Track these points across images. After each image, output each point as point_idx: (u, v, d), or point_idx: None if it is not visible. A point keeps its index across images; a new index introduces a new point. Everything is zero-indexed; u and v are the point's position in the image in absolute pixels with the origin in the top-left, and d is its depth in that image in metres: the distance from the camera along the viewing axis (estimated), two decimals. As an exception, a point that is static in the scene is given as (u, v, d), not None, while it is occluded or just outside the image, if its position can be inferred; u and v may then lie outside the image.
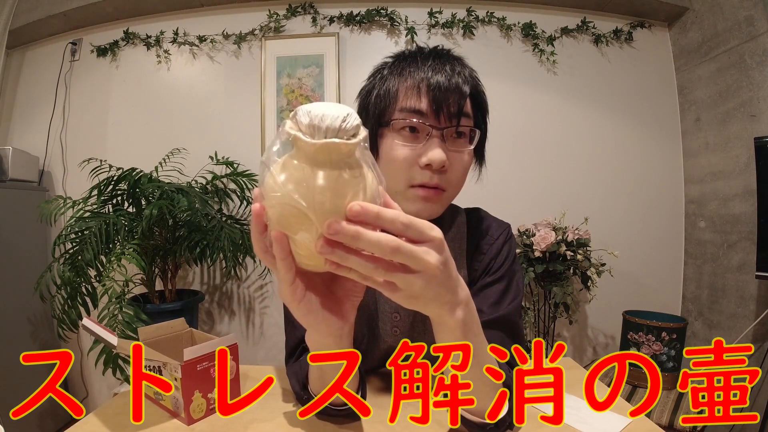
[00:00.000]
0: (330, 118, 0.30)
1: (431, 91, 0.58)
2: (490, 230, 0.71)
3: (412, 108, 0.58)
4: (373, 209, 0.31)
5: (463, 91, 0.58)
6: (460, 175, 0.62)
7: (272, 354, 2.04)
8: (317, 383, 0.57)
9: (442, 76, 0.58)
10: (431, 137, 0.58)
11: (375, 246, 0.31)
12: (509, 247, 0.70)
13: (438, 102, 0.57)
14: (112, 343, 0.57)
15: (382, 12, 1.95)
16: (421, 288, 0.36)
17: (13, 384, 1.72)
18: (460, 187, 0.64)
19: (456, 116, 0.58)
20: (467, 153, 0.61)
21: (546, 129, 1.99)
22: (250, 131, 2.00)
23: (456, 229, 0.71)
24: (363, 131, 0.32)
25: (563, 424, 0.59)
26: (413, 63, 0.62)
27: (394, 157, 0.59)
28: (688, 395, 1.37)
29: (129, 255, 1.39)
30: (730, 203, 1.70)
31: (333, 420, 0.61)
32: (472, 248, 0.70)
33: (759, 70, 1.56)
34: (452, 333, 0.44)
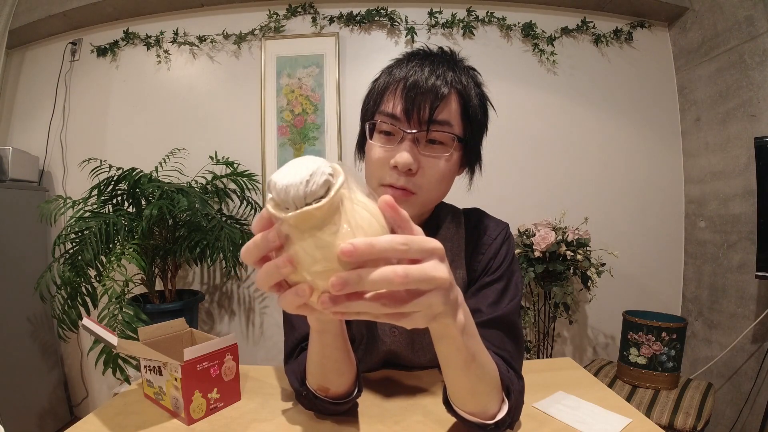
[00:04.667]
0: (293, 188, 0.29)
1: (405, 94, 0.58)
2: (488, 230, 0.71)
3: (388, 112, 0.60)
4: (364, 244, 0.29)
5: (438, 94, 0.57)
6: (434, 180, 0.61)
7: (272, 354, 2.04)
8: (316, 377, 0.59)
9: (420, 77, 0.58)
10: (403, 140, 0.59)
11: (383, 282, 0.30)
12: (508, 246, 0.70)
13: (410, 105, 0.57)
14: (112, 343, 0.57)
15: (382, 12, 1.95)
16: (440, 304, 0.35)
17: (13, 384, 1.72)
18: (438, 191, 0.63)
19: (427, 121, 0.58)
20: (444, 159, 0.60)
21: (546, 129, 1.99)
22: (250, 131, 2.00)
23: (453, 229, 0.71)
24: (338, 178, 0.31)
25: (563, 424, 0.59)
26: (401, 63, 0.62)
27: (370, 157, 0.62)
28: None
29: (129, 255, 1.39)
30: (730, 203, 1.70)
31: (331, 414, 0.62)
32: (471, 248, 0.70)
33: (759, 70, 1.56)
34: (455, 340, 0.44)
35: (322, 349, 0.55)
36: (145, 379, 0.68)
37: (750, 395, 1.56)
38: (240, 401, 0.68)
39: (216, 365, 0.64)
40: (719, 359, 1.70)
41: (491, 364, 0.52)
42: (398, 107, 0.59)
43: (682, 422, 1.28)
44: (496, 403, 0.52)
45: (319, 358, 0.56)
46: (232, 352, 0.67)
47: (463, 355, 0.45)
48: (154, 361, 0.64)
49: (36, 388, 1.85)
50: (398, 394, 0.69)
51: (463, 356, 0.46)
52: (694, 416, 1.29)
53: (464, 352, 0.45)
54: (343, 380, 0.58)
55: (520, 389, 0.57)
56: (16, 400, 1.72)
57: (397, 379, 0.74)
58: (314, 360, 0.57)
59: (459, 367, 0.47)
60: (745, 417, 1.58)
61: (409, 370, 0.77)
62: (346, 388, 0.59)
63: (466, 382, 0.49)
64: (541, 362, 0.86)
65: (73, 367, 2.08)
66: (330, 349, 0.55)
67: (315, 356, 0.56)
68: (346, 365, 0.57)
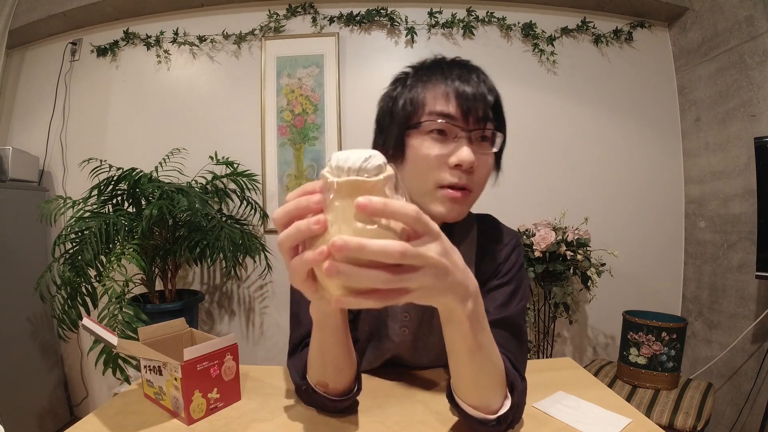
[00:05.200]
0: (352, 160, 0.33)
1: (460, 98, 0.60)
2: (500, 236, 0.73)
3: (442, 112, 0.60)
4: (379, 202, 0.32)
5: (488, 100, 0.61)
6: (485, 176, 0.64)
7: (272, 354, 2.04)
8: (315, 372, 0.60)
9: (470, 85, 0.60)
10: (459, 138, 0.60)
11: (382, 252, 0.32)
12: (518, 254, 0.72)
13: (466, 107, 0.59)
14: (112, 343, 0.57)
15: (382, 12, 1.95)
16: (432, 281, 0.36)
17: (13, 384, 1.72)
18: (482, 189, 0.66)
19: (483, 120, 0.60)
20: (491, 156, 0.63)
21: (546, 129, 1.99)
22: (250, 131, 2.00)
23: (466, 233, 0.73)
24: (388, 170, 0.35)
25: (563, 424, 0.59)
26: (438, 72, 0.63)
27: (425, 156, 0.60)
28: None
29: (129, 255, 1.39)
30: (730, 203, 1.70)
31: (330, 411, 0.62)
32: (482, 252, 0.72)
33: (759, 70, 1.56)
34: (461, 325, 0.45)
35: (322, 342, 0.56)
36: (145, 379, 0.68)
37: (750, 395, 1.56)
38: (240, 401, 0.68)
39: (216, 365, 0.64)
40: (719, 359, 1.70)
41: (498, 358, 0.53)
42: (454, 108, 0.60)
43: (682, 422, 1.28)
44: (499, 399, 0.53)
45: (320, 353, 0.57)
46: (232, 352, 0.67)
47: (468, 342, 0.47)
48: (154, 361, 0.64)
49: (36, 388, 1.85)
50: (399, 393, 0.69)
51: (469, 344, 0.47)
52: (694, 416, 1.29)
53: (470, 340, 0.46)
54: (342, 377, 0.59)
55: (523, 389, 0.58)
56: (16, 400, 1.72)
57: (398, 379, 0.74)
58: (314, 354, 0.58)
59: (464, 354, 0.48)
60: (745, 417, 1.58)
61: (410, 369, 0.77)
62: (345, 385, 0.60)
63: (470, 371, 0.50)
64: (541, 362, 0.86)
65: (73, 367, 2.08)
66: (329, 343, 0.56)
67: (315, 350, 0.58)
68: (346, 362, 0.59)
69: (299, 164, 1.98)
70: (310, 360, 0.60)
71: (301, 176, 1.98)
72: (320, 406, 0.62)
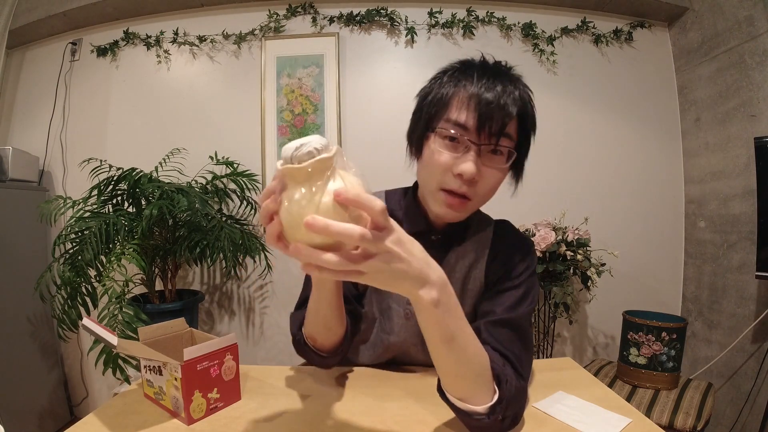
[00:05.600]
0: (287, 150, 0.39)
1: (478, 108, 0.61)
2: (515, 242, 0.76)
3: (457, 121, 0.62)
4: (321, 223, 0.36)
5: (508, 112, 0.61)
6: (489, 188, 0.66)
7: (272, 354, 2.04)
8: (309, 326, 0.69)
9: (492, 94, 0.61)
10: (468, 150, 0.62)
11: (344, 234, 0.36)
12: (531, 260, 0.73)
13: (482, 119, 0.61)
14: (112, 343, 0.57)
15: (382, 12, 1.95)
16: (383, 265, 0.40)
17: (13, 384, 1.72)
18: (488, 198, 0.69)
19: (496, 135, 0.61)
20: (501, 170, 0.65)
21: (546, 129, 1.97)
22: (250, 131, 2.00)
23: (482, 234, 0.76)
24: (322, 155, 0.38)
25: (563, 424, 0.59)
26: (470, 76, 0.64)
27: (433, 161, 0.64)
28: (688, 395, 1.37)
29: (129, 255, 1.39)
30: (730, 203, 1.70)
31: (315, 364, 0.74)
32: (493, 255, 0.74)
33: (759, 70, 1.56)
34: (429, 313, 0.47)
35: (317, 301, 0.64)
36: (145, 379, 0.68)
37: (750, 395, 1.56)
38: (240, 401, 0.68)
39: (216, 365, 0.64)
40: (719, 359, 1.70)
41: (478, 351, 0.54)
42: (470, 120, 0.61)
43: (682, 422, 1.28)
44: (485, 393, 0.53)
45: (315, 309, 0.66)
46: (232, 352, 0.67)
47: (440, 331, 0.48)
48: (154, 361, 0.64)
49: (36, 388, 1.85)
50: (399, 393, 0.69)
51: (441, 332, 0.48)
52: (694, 416, 1.29)
53: (442, 328, 0.48)
54: (329, 335, 0.68)
55: (519, 387, 0.58)
56: (16, 400, 1.72)
57: (398, 378, 0.74)
58: (310, 309, 0.67)
59: (438, 342, 0.50)
60: (745, 417, 1.58)
61: (413, 366, 0.78)
62: (332, 344, 0.70)
63: (447, 361, 0.51)
64: (541, 362, 0.86)
65: (73, 367, 2.08)
66: (323, 303, 0.64)
67: (312, 306, 0.66)
68: (335, 322, 0.67)
69: (299, 164, 1.98)
70: (307, 315, 0.68)
71: (301, 176, 1.98)
72: (308, 358, 0.73)
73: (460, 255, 0.74)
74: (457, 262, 0.74)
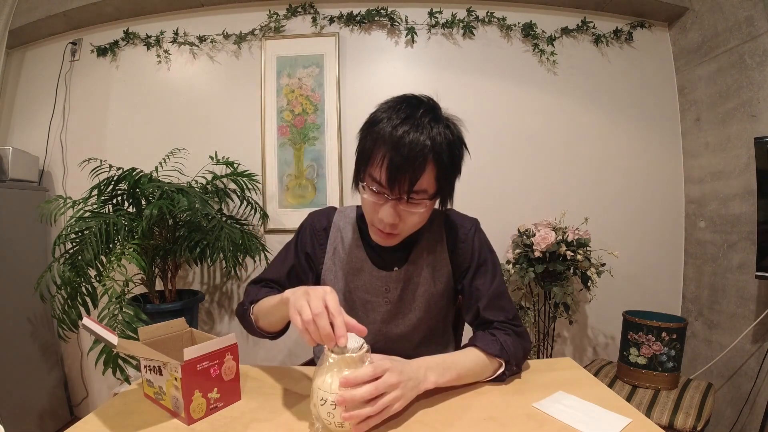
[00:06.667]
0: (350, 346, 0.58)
1: (389, 169, 0.68)
2: (463, 223, 0.90)
3: (375, 178, 0.71)
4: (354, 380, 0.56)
5: (416, 167, 0.68)
6: (413, 225, 0.77)
7: (272, 354, 2.04)
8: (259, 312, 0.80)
9: (400, 157, 0.67)
10: (387, 201, 0.72)
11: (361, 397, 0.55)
12: (480, 236, 0.89)
13: (392, 181, 0.69)
14: (112, 343, 0.57)
15: (382, 12, 1.95)
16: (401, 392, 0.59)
17: (13, 384, 1.72)
18: (417, 227, 0.79)
19: (407, 192, 0.70)
20: (419, 214, 0.74)
21: (546, 129, 1.99)
22: (250, 131, 2.00)
23: (436, 226, 0.89)
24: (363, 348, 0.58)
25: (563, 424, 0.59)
26: (387, 128, 0.70)
27: (364, 204, 0.78)
28: (688, 395, 1.37)
29: (129, 255, 1.39)
30: (730, 203, 1.70)
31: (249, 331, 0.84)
32: (452, 238, 0.88)
33: (759, 70, 1.56)
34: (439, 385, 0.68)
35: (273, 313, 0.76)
36: (145, 379, 0.68)
37: (750, 395, 1.56)
38: (240, 401, 0.68)
39: (216, 365, 0.64)
40: (719, 359, 1.70)
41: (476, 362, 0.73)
42: (383, 177, 0.70)
43: (682, 422, 1.28)
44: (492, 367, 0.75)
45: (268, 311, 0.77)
46: (232, 352, 0.67)
47: (451, 383, 0.70)
48: (154, 361, 0.64)
49: (36, 388, 1.85)
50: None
51: (452, 383, 0.70)
52: (694, 416, 1.29)
53: (451, 382, 0.69)
54: (271, 328, 0.81)
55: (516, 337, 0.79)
56: (16, 400, 1.72)
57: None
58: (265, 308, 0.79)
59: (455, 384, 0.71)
60: (745, 417, 1.58)
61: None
62: (270, 332, 0.82)
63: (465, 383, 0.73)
64: (541, 362, 0.86)
65: (73, 367, 2.08)
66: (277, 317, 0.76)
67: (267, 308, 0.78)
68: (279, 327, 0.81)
69: (299, 164, 1.98)
70: (260, 305, 0.80)
71: (301, 176, 1.98)
72: (247, 327, 0.85)
73: (423, 249, 0.87)
74: (421, 255, 0.86)
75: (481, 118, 1.96)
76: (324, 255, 0.90)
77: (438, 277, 0.87)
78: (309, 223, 0.93)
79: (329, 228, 0.91)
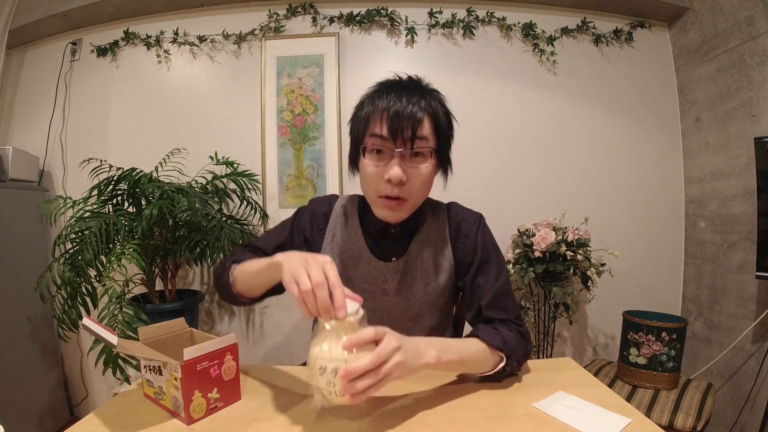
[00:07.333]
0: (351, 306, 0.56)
1: (390, 120, 0.71)
2: (467, 217, 0.88)
3: (377, 134, 0.73)
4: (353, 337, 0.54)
5: (416, 118, 0.72)
6: (420, 185, 0.76)
7: (272, 354, 2.04)
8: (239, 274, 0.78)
9: (399, 106, 0.72)
10: (392, 157, 0.73)
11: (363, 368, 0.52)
12: (483, 231, 0.87)
13: (395, 129, 0.71)
14: (112, 343, 0.57)
15: (382, 12, 1.95)
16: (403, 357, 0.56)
17: (13, 384, 1.72)
18: (423, 194, 0.79)
19: (411, 140, 0.72)
20: (425, 168, 0.75)
21: (546, 129, 1.99)
22: (250, 131, 2.00)
23: (438, 218, 0.88)
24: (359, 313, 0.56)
25: (563, 424, 0.59)
26: (382, 95, 0.75)
27: (366, 174, 0.76)
28: (688, 395, 1.37)
29: (129, 255, 1.39)
30: (730, 203, 1.70)
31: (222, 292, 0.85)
32: (455, 232, 0.87)
33: (759, 70, 1.56)
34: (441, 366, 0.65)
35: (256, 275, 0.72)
36: (145, 379, 0.68)
37: (750, 395, 1.56)
38: (240, 401, 0.68)
39: (216, 365, 0.64)
40: (719, 359, 1.70)
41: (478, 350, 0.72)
42: (385, 130, 0.72)
43: (682, 422, 1.28)
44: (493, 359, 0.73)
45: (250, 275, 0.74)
46: (232, 352, 0.67)
47: (452, 366, 0.69)
48: (154, 361, 0.64)
49: (36, 388, 1.85)
50: (398, 393, 0.69)
51: (453, 366, 0.69)
52: (694, 416, 1.29)
53: (452, 365, 0.68)
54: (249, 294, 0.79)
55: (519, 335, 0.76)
56: (16, 400, 1.72)
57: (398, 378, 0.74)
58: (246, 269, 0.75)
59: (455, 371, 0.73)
60: (745, 417, 1.58)
61: None
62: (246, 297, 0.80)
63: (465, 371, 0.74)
64: (541, 362, 0.86)
65: (73, 367, 2.08)
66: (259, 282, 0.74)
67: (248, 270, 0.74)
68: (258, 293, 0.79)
69: (299, 164, 1.98)
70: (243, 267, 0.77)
71: (301, 176, 1.98)
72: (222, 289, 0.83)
73: (423, 242, 0.85)
74: (423, 248, 0.85)
75: (481, 118, 1.96)
76: (322, 240, 0.89)
77: (439, 272, 0.85)
78: (310, 208, 0.93)
79: (329, 214, 0.91)
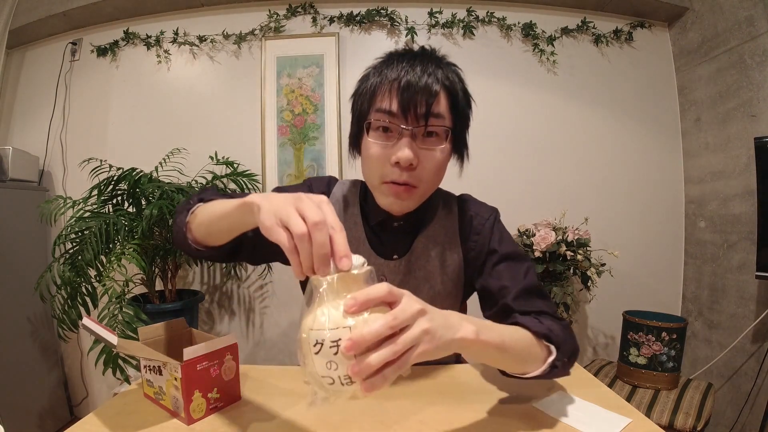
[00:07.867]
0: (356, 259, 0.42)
1: (400, 92, 0.60)
2: (480, 212, 0.77)
3: (384, 109, 0.62)
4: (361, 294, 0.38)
5: (432, 91, 0.60)
6: (432, 171, 0.65)
7: (272, 354, 2.04)
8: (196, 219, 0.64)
9: (412, 76, 0.61)
10: (402, 136, 0.62)
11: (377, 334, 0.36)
12: (500, 227, 0.76)
13: (406, 103, 0.60)
14: (112, 343, 0.57)
15: (382, 12, 1.95)
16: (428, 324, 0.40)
17: (13, 384, 1.72)
18: (435, 182, 0.67)
19: (424, 116, 0.61)
20: (439, 150, 0.64)
21: (546, 129, 1.99)
22: (250, 131, 2.00)
23: (449, 212, 0.77)
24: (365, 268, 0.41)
25: (563, 424, 0.59)
26: (391, 64, 0.64)
27: (370, 155, 0.65)
28: (688, 395, 1.37)
29: (129, 255, 1.39)
30: (730, 203, 1.70)
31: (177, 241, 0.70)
32: (466, 228, 0.76)
33: (759, 70, 1.56)
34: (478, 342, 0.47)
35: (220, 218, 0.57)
36: (145, 379, 0.68)
37: (750, 395, 1.56)
38: (240, 401, 0.68)
39: (216, 365, 0.64)
40: (719, 359, 1.70)
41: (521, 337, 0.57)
42: (395, 105, 0.61)
43: (682, 422, 1.28)
44: (542, 355, 0.58)
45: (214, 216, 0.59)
46: (232, 352, 0.67)
47: (491, 350, 0.50)
48: (154, 361, 0.64)
49: (36, 388, 1.85)
50: (399, 393, 0.69)
51: (492, 351, 0.50)
52: (694, 416, 1.29)
53: (491, 347, 0.49)
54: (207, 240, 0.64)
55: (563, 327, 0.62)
56: (16, 400, 1.72)
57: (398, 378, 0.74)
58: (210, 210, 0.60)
59: (495, 359, 0.53)
60: (745, 417, 1.58)
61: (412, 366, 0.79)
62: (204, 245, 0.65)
63: (509, 363, 0.56)
64: (541, 362, 0.86)
65: (73, 367, 2.08)
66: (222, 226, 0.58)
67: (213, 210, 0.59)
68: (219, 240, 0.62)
69: (299, 164, 1.98)
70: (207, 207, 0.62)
71: (301, 176, 1.98)
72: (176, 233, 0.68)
73: (430, 238, 0.74)
74: (428, 245, 0.74)
75: (480, 118, 1.94)
76: None
77: (445, 274, 0.74)
78: (307, 186, 0.82)
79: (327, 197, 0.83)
